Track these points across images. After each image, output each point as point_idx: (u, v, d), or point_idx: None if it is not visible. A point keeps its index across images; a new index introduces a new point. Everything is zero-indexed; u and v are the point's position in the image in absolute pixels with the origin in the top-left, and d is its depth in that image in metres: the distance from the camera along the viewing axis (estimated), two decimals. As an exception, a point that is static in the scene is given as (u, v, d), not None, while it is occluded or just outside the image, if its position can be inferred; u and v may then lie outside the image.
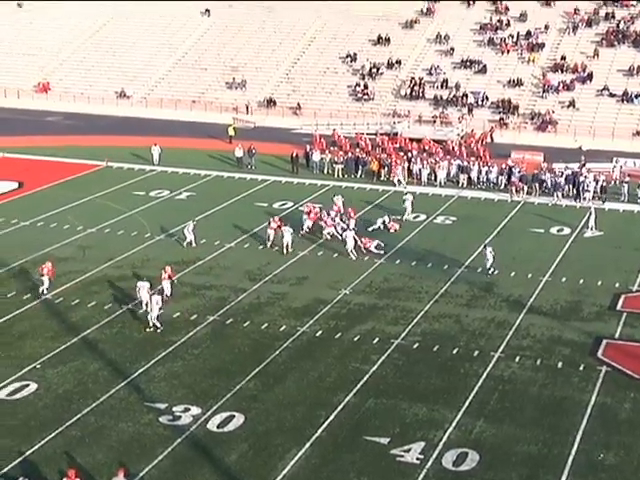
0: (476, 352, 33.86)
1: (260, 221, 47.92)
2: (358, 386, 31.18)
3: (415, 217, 50.04)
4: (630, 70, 76.37)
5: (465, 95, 75.59)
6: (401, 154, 60.95)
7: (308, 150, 61.54)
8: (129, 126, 72.81)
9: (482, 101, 75.17)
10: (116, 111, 78.91)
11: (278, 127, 73.38)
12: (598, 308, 38.24)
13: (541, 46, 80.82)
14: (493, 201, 54.21)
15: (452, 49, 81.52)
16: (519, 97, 75.55)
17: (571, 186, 54.58)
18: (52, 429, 28.21)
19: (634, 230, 49.07)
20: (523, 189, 54.54)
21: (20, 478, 25.72)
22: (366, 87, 78.43)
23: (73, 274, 40.76)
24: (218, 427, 28.56)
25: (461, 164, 58.04)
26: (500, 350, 34.02)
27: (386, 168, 58.21)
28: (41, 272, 38.92)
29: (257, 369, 32.30)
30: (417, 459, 26.90)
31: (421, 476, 26.16)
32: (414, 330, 35.76)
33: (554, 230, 48.53)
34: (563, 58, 78.56)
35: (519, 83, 76.83)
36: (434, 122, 72.81)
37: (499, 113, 73.86)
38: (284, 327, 35.90)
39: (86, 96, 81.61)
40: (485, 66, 79.03)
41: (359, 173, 58.98)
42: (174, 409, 29.53)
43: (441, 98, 75.76)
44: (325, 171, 59.77)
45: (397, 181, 56.43)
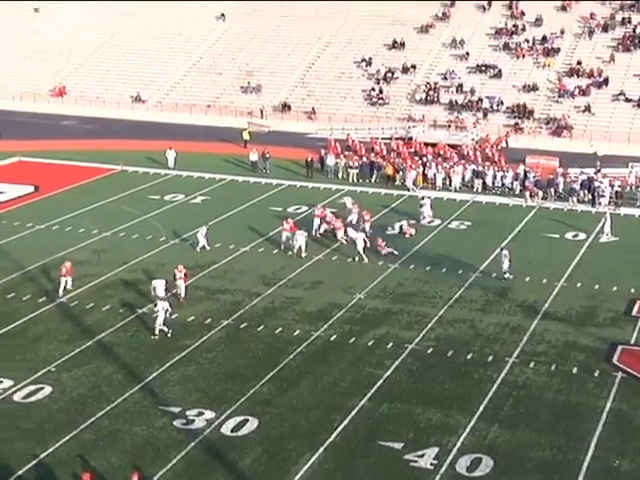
0: (490, 357, 33.76)
1: (275, 225, 47.94)
2: (372, 391, 31.13)
3: (429, 222, 49.98)
4: (646, 75, 76.25)
5: (480, 100, 75.49)
6: (416, 159, 60.96)
7: (323, 154, 61.57)
8: (144, 130, 72.99)
9: (497, 106, 75.06)
10: (131, 115, 79.16)
11: (293, 131, 73.44)
12: (613, 314, 38.07)
13: (557, 51, 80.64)
14: (508, 206, 54.09)
15: (467, 54, 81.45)
16: (534, 102, 75.40)
17: (586, 191, 54.46)
18: (66, 432, 28.26)
19: (650, 235, 48.91)
20: (538, 194, 54.40)
21: (34, 481, 25.83)
22: (381, 92, 78.43)
23: (88, 277, 40.86)
24: (232, 431, 28.55)
25: (476, 169, 57.96)
26: (515, 355, 33.91)
27: (401, 172, 58.19)
28: (61, 273, 39.42)
29: (271, 373, 32.29)
30: (431, 464, 26.81)
31: (435, 481, 26.17)
32: (428, 335, 35.69)
33: (569, 235, 48.38)
34: (579, 63, 78.35)
35: (534, 88, 76.67)
36: (449, 127, 72.73)
37: (514, 118, 73.73)
38: (298, 331, 35.89)
39: (102, 100, 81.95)
40: (500, 71, 78.92)
41: (374, 177, 58.98)
42: (188, 413, 29.54)
43: (456, 103, 75.69)
44: (340, 175, 59.75)
45: (410, 188, 56.32)
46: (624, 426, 29.06)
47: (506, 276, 41.24)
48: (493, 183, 56.97)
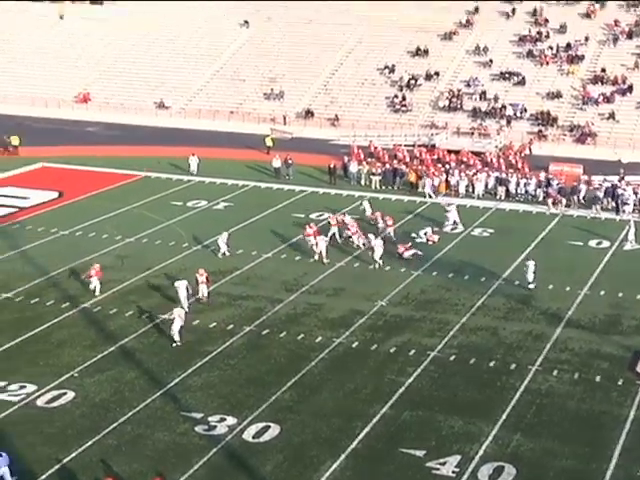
0: (513, 365, 33.63)
1: (297, 232, 47.98)
2: (394, 398, 31.08)
3: (452, 229, 49.88)
4: (671, 82, 75.83)
5: (503, 107, 75.30)
6: (439, 166, 60.88)
7: (346, 161, 61.59)
8: (168, 136, 73.21)
9: (521, 113, 74.85)
10: (155, 122, 79.44)
11: (316, 138, 73.46)
12: (637, 322, 37.80)
13: (581, 58, 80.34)
14: (531, 213, 53.88)
15: (491, 61, 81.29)
16: (558, 109, 75.12)
17: (610, 199, 54.21)
18: (89, 437, 28.38)
19: (674, 243, 48.60)
20: (561, 201, 54.17)
21: (57, 486, 25.98)
22: (404, 98, 78.37)
23: (111, 283, 41.01)
24: (253, 437, 28.58)
25: (499, 176, 57.80)
26: (537, 363, 33.75)
27: (423, 180, 58.08)
28: (90, 274, 39.86)
29: (293, 380, 32.30)
30: (453, 472, 26.74)
31: (457, 489, 26.11)
32: (451, 342, 35.59)
33: (593, 243, 48.13)
34: (603, 70, 78.03)
35: (558, 95, 76.40)
36: (472, 134, 72.57)
37: (538, 125, 73.50)
38: (320, 338, 35.88)
39: (125, 107, 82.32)
40: (524, 78, 78.70)
41: (396, 184, 58.92)
42: (210, 419, 29.60)
43: (479, 110, 75.52)
44: (362, 182, 59.74)
45: (427, 194, 56.25)
46: (648, 435, 28.91)
47: (530, 286, 41.04)
48: (516, 190, 56.80)
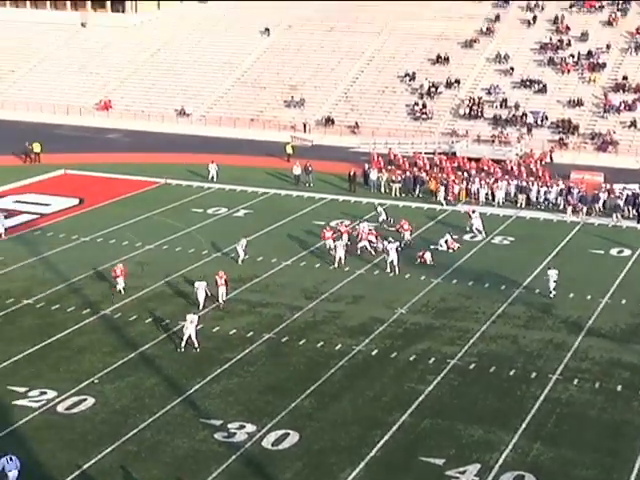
0: (533, 374, 33.49)
1: (317, 239, 47.98)
2: (414, 406, 31.00)
3: (472, 237, 49.77)
4: (693, 90, 75.43)
5: (524, 115, 75.10)
6: (459, 173, 60.79)
7: (366, 169, 61.59)
8: (188, 144, 73.42)
9: (542, 121, 74.63)
10: (176, 129, 79.69)
11: (336, 146, 73.49)
12: (659, 331, 37.66)
13: (602, 66, 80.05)
14: (552, 221, 53.68)
15: (512, 68, 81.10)
16: (579, 117, 74.86)
17: (631, 207, 53.96)
18: (109, 443, 28.45)
19: (696, 252, 48.31)
20: (582, 210, 53.96)
21: (77, 491, 26.04)
22: (424, 106, 78.30)
23: (131, 290, 41.10)
24: (273, 445, 28.56)
25: (520, 184, 57.64)
26: (558, 372, 33.60)
27: (443, 187, 58.04)
28: (115, 274, 40.35)
29: (312, 387, 32.28)
30: (473, 481, 26.70)
31: (477, 498, 26.00)
32: (471, 351, 35.49)
33: (614, 251, 47.91)
34: (625, 78, 77.73)
35: (579, 103, 76.13)
36: (493, 142, 72.40)
37: (559, 133, 73.27)
38: (340, 346, 35.84)
39: (146, 114, 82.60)
40: (545, 86, 78.47)
41: (416, 192, 58.87)
42: (229, 426, 29.61)
43: (500, 118, 75.34)
44: (382, 190, 59.73)
45: (440, 202, 56.16)
46: (670, 445, 28.71)
47: (551, 295, 40.85)
48: (537, 198, 56.63)
